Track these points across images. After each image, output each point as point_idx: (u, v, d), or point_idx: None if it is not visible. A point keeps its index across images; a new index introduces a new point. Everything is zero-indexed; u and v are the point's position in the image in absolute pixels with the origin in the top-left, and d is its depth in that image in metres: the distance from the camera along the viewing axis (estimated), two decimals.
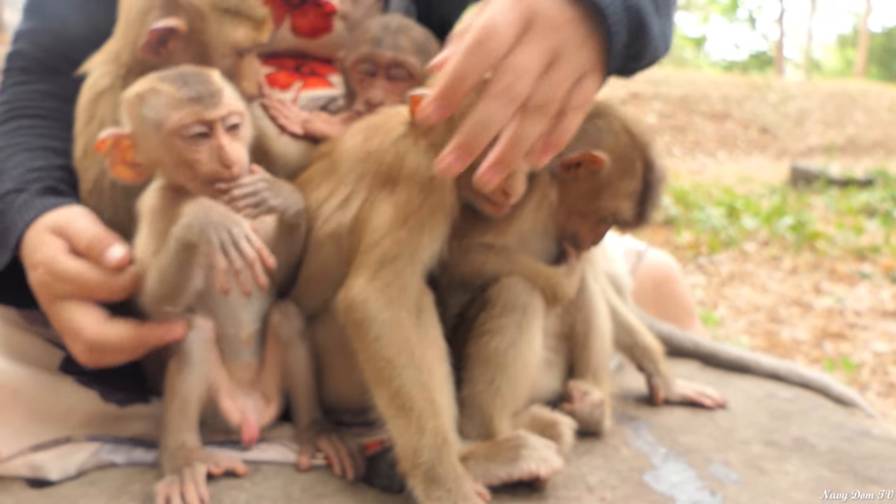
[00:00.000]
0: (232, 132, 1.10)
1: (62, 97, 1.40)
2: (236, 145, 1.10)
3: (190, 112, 1.05)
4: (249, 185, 1.10)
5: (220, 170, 1.08)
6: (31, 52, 1.47)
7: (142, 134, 1.08)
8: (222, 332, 1.18)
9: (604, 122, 1.27)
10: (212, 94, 1.07)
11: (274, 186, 1.13)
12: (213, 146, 1.07)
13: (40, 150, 1.32)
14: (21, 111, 1.40)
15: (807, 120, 15.82)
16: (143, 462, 1.17)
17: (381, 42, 1.37)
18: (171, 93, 1.06)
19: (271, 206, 1.11)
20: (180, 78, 1.07)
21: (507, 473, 1.06)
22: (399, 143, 1.15)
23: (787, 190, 8.85)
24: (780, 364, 1.62)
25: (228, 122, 1.09)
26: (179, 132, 1.05)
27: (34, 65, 1.47)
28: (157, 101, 1.06)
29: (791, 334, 4.29)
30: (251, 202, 1.09)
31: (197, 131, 1.06)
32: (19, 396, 1.13)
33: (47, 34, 1.47)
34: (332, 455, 1.15)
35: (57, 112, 1.40)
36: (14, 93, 1.44)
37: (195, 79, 1.08)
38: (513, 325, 1.19)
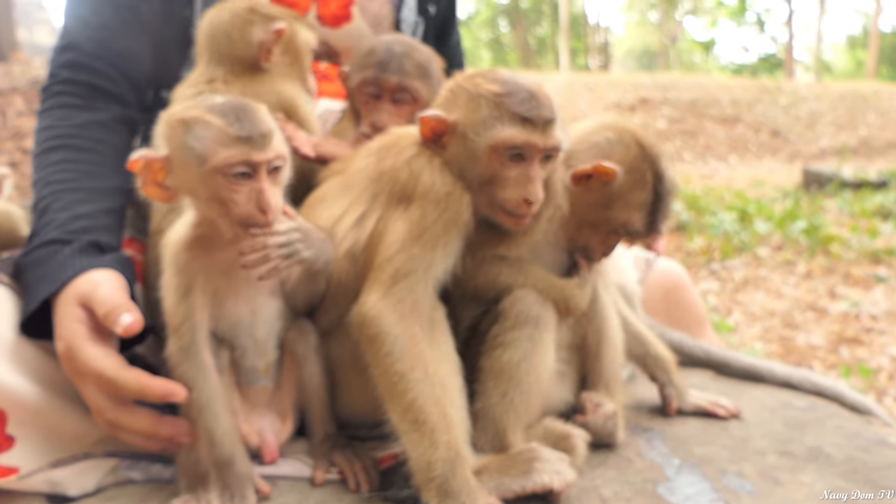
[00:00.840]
0: (273, 175, 1.07)
1: (105, 125, 1.48)
2: (275, 190, 1.07)
3: (238, 152, 1.02)
4: (283, 234, 1.09)
5: (256, 214, 1.05)
6: (71, 76, 1.52)
7: (180, 161, 1.05)
8: (241, 361, 1.20)
9: (614, 135, 1.28)
10: (263, 135, 1.04)
11: (307, 236, 1.13)
12: (253, 188, 1.05)
13: (87, 192, 1.36)
14: (66, 140, 1.44)
15: (818, 122, 15.73)
16: (161, 478, 1.18)
17: (387, 66, 1.39)
18: (221, 127, 1.03)
19: (303, 257, 1.12)
20: (232, 112, 1.04)
21: (521, 486, 1.06)
22: (413, 161, 1.17)
23: (799, 193, 8.80)
24: (793, 372, 1.61)
25: (272, 166, 1.06)
26: (223, 170, 1.03)
27: (76, 89, 1.51)
28: (204, 133, 1.03)
29: (806, 340, 4.25)
30: (284, 253, 1.09)
31: (240, 171, 1.04)
32: (40, 415, 1.15)
33: (86, 56, 1.52)
34: (347, 469, 1.16)
35: (101, 143, 1.46)
36: (58, 119, 1.48)
37: (247, 116, 1.05)
38: (525, 337, 1.19)
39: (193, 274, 1.11)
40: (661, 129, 14.75)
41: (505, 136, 1.12)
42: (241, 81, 1.41)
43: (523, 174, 1.15)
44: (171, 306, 1.12)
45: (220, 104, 1.06)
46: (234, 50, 1.42)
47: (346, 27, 1.73)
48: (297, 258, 1.11)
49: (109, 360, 1.10)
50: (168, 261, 1.12)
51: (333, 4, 1.72)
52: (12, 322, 1.19)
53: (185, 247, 1.12)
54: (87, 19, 1.57)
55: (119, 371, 1.09)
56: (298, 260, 1.11)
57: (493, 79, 1.17)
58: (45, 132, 1.47)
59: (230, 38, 1.41)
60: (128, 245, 1.48)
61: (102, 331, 1.13)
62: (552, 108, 1.15)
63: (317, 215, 1.26)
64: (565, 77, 19.56)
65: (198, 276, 1.12)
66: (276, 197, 1.07)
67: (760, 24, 39.41)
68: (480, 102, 1.14)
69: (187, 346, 1.10)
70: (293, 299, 1.23)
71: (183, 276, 1.11)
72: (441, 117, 1.15)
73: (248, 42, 1.41)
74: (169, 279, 1.12)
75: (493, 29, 40.80)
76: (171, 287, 1.12)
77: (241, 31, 1.41)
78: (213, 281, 1.14)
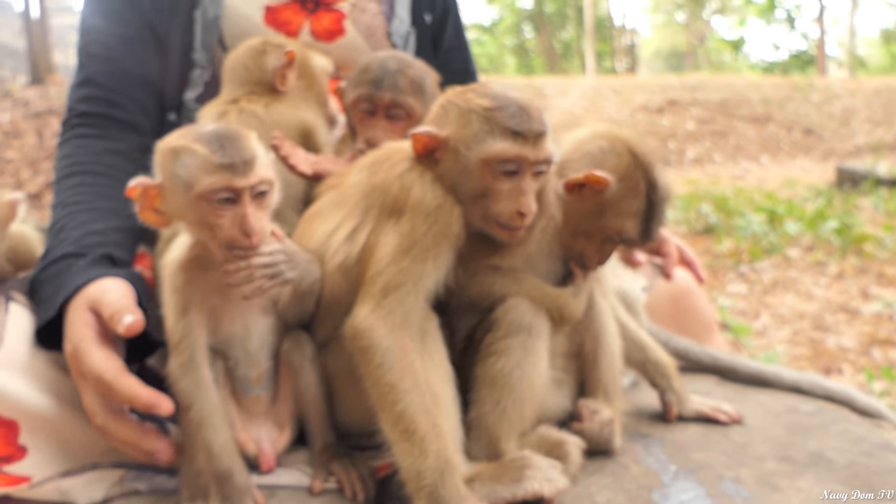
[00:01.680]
0: (258, 200, 1.11)
1: (122, 153, 1.58)
2: (260, 214, 1.11)
3: (220, 178, 1.07)
4: (268, 255, 1.13)
5: (240, 238, 1.10)
6: (88, 109, 1.62)
7: (170, 188, 1.11)
8: (234, 371, 1.23)
9: (607, 144, 1.28)
10: (245, 161, 1.08)
11: (292, 258, 1.17)
12: (236, 213, 1.09)
13: (100, 211, 1.44)
14: (83, 167, 1.53)
15: (853, 119, 15.40)
16: (165, 489, 1.22)
17: (381, 83, 1.42)
18: (205, 156, 1.07)
19: (287, 278, 1.16)
20: (217, 140, 1.08)
21: (512, 494, 1.07)
22: (404, 176, 1.19)
23: (832, 192, 8.61)
24: (802, 377, 1.59)
25: (256, 191, 1.10)
26: (206, 196, 1.08)
27: (93, 121, 1.61)
28: (190, 161, 1.08)
29: (837, 342, 4.16)
30: (268, 273, 1.13)
31: (224, 196, 1.08)
32: (51, 425, 1.19)
33: (102, 89, 1.63)
34: (344, 479, 1.19)
35: (116, 169, 1.54)
36: (75, 148, 1.57)
37: (231, 143, 1.09)
38: (518, 345, 1.21)
39: (190, 293, 1.16)
40: (691, 130, 14.59)
41: (496, 150, 1.13)
42: (261, 103, 1.51)
43: (516, 187, 1.16)
44: (170, 324, 1.16)
45: (208, 132, 1.10)
46: (251, 77, 1.54)
47: (340, 41, 1.77)
48: (281, 279, 1.14)
49: (110, 363, 1.13)
50: (166, 280, 1.17)
51: (326, 20, 1.76)
52: (26, 337, 1.24)
53: (181, 267, 1.16)
54: (98, 54, 1.66)
55: (116, 375, 1.12)
56: (282, 281, 1.15)
57: (483, 93, 1.18)
58: (63, 160, 1.56)
59: (247, 67, 1.54)
60: (141, 260, 1.54)
61: (109, 336, 1.18)
62: (543, 122, 1.16)
63: (313, 230, 1.29)
64: (592, 81, 19.45)
65: (195, 295, 1.16)
66: (261, 220, 1.11)
67: (790, 20, 38.72)
68: (471, 117, 1.16)
69: (186, 362, 1.14)
70: (284, 316, 1.27)
71: (180, 295, 1.15)
72: (433, 133, 1.17)
73: (262, 69, 1.54)
74: (168, 298, 1.16)
75: (518, 35, 40.78)
76: (169, 305, 1.16)
77: (256, 60, 1.54)
78: (208, 299, 1.18)
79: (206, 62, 1.71)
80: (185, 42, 1.69)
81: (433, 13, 1.97)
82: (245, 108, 1.49)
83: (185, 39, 1.69)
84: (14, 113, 11.12)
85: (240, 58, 1.57)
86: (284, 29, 1.75)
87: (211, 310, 1.19)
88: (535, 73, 32.70)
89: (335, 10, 1.78)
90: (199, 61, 1.71)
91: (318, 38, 1.77)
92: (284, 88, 1.55)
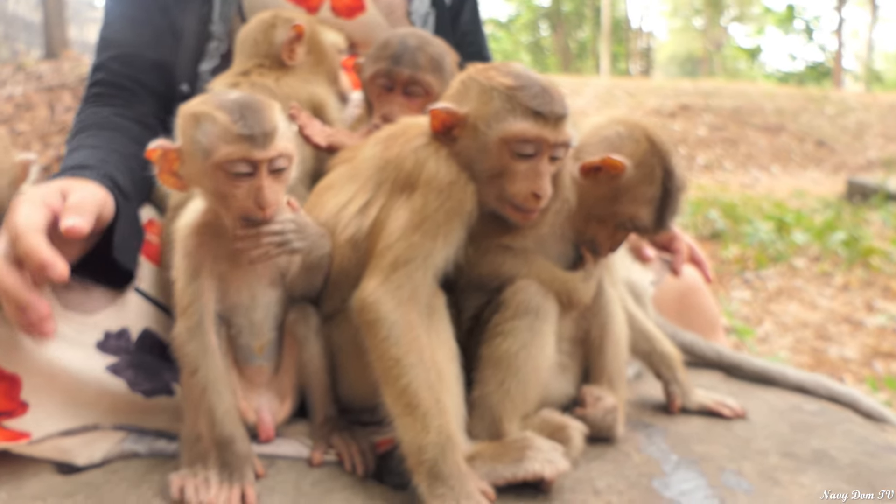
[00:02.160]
0: (275, 174, 1.10)
1: (137, 120, 1.65)
2: (276, 188, 1.10)
3: (238, 149, 1.06)
4: (278, 225, 1.13)
5: (254, 210, 1.09)
6: (106, 80, 1.70)
7: (189, 153, 1.10)
8: (236, 340, 1.23)
9: (625, 129, 1.27)
10: (265, 133, 1.07)
11: (303, 229, 1.16)
12: (252, 185, 1.08)
13: (103, 150, 1.47)
14: (100, 125, 1.60)
15: (866, 133, 15.32)
16: (165, 453, 1.22)
17: (400, 59, 1.42)
18: (225, 124, 1.06)
19: (294, 248, 1.15)
20: (238, 109, 1.07)
21: (512, 473, 1.07)
22: (419, 151, 1.18)
23: (842, 205, 8.57)
24: (807, 377, 1.58)
25: (274, 165, 1.09)
26: (224, 166, 1.07)
27: (110, 92, 1.69)
28: (210, 128, 1.07)
29: (839, 353, 4.15)
30: (276, 241, 1.13)
31: (241, 170, 1.07)
32: (52, 382, 1.19)
33: (120, 66, 1.70)
34: (344, 452, 1.18)
35: (131, 130, 1.61)
36: (93, 112, 1.65)
37: (253, 114, 1.07)
38: (525, 327, 1.20)
39: (201, 258, 1.15)
40: (702, 136, 14.53)
41: (516, 130, 1.13)
42: (272, 77, 1.51)
43: (532, 169, 1.15)
44: (180, 288, 1.15)
45: (230, 100, 1.08)
46: (260, 50, 1.55)
47: (360, 17, 1.77)
48: (289, 248, 1.14)
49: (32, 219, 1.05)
50: (178, 244, 1.16)
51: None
52: None
53: (194, 231, 1.15)
54: (113, 38, 1.75)
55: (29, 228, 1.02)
56: (290, 250, 1.14)
57: (506, 72, 1.17)
58: (75, 126, 1.64)
59: (256, 40, 1.55)
60: (149, 227, 1.54)
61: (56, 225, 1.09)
62: (564, 104, 1.15)
63: (324, 202, 1.28)
64: (605, 82, 19.40)
65: (205, 261, 1.15)
66: (277, 193, 1.10)
67: (809, 31, 38.50)
68: (493, 95, 1.15)
69: (194, 326, 1.13)
70: (292, 290, 1.26)
71: (191, 259, 1.15)
72: (452, 110, 1.16)
73: (271, 43, 1.55)
74: (178, 261, 1.16)
75: (534, 32, 40.64)
76: (180, 269, 1.16)
77: (265, 34, 1.55)
78: (218, 265, 1.17)
79: (224, 34, 1.71)
80: (202, 13, 1.69)
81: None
82: (256, 82, 1.50)
83: (202, 10, 1.69)
84: (27, 86, 11.14)
85: (250, 31, 1.58)
86: (305, 4, 1.74)
87: (220, 276, 1.18)
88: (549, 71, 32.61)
89: None
90: (216, 33, 1.71)
91: (339, 14, 1.76)
92: (292, 63, 1.55)
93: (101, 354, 1.26)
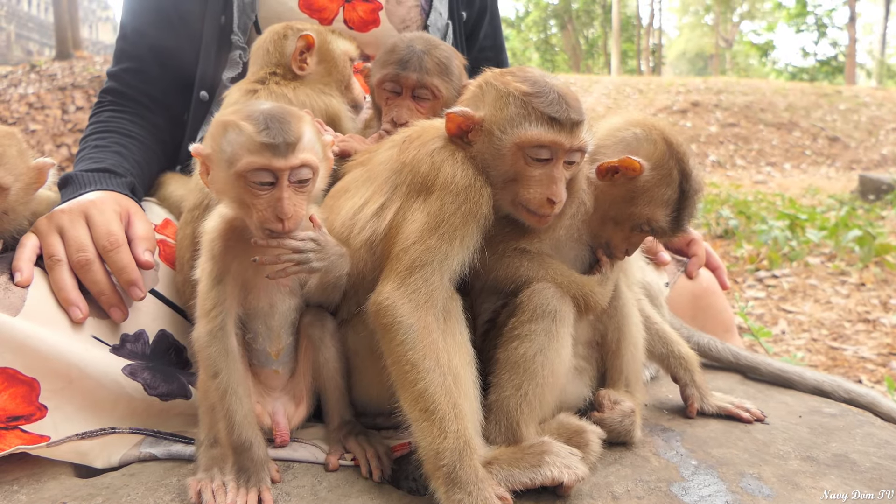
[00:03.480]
0: (298, 186, 1.09)
1: (147, 128, 1.76)
2: (297, 199, 1.09)
3: (260, 158, 1.05)
4: (299, 241, 1.12)
5: (273, 221, 1.08)
6: (120, 90, 1.80)
7: (216, 161, 1.10)
8: (252, 344, 1.23)
9: (642, 131, 1.26)
10: (288, 143, 1.06)
11: (323, 248, 1.15)
12: (273, 196, 1.08)
13: (130, 160, 1.61)
14: (114, 129, 1.70)
15: (879, 129, 15.18)
16: (182, 456, 1.22)
17: (407, 64, 1.41)
18: (250, 133, 1.06)
19: (312, 267, 1.14)
20: (264, 120, 1.07)
21: (530, 479, 1.06)
22: (435, 154, 1.17)
23: (855, 201, 8.50)
24: (825, 378, 1.57)
25: (296, 176, 1.08)
26: (245, 175, 1.07)
27: (124, 99, 1.79)
28: (235, 137, 1.07)
29: (855, 352, 4.11)
30: (294, 259, 1.12)
31: (262, 179, 1.07)
32: (72, 385, 1.20)
33: (134, 79, 1.80)
34: (360, 456, 1.18)
35: (143, 138, 1.72)
36: (107, 116, 1.75)
37: (278, 123, 1.07)
38: (542, 331, 1.19)
39: (227, 262, 1.15)
40: (714, 133, 14.45)
41: (532, 135, 1.12)
42: (287, 87, 1.53)
43: (547, 174, 1.15)
44: (203, 291, 1.15)
45: (259, 111, 1.08)
46: (271, 59, 1.57)
47: (373, 31, 1.77)
48: (307, 267, 1.13)
49: (123, 237, 1.33)
50: (204, 247, 1.17)
51: (361, 9, 1.76)
52: (48, 300, 1.24)
53: (220, 235, 1.15)
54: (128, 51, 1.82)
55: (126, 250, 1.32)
56: (308, 269, 1.13)
57: (523, 78, 1.17)
58: (97, 125, 1.73)
59: (267, 50, 1.58)
60: (163, 228, 1.55)
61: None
62: (580, 110, 1.15)
63: (340, 205, 1.28)
64: (615, 79, 19.31)
65: (231, 265, 1.15)
66: (297, 206, 1.09)
67: (821, 27, 38.16)
68: (509, 100, 1.14)
69: (216, 330, 1.13)
70: (309, 300, 1.27)
71: (217, 263, 1.14)
72: (468, 114, 1.16)
73: (282, 52, 1.57)
74: (204, 264, 1.16)
75: (543, 30, 40.52)
76: (205, 272, 1.16)
77: (276, 44, 1.57)
78: (243, 271, 1.17)
79: (245, 44, 1.73)
80: (223, 24, 1.71)
81: (470, 11, 1.98)
82: (274, 90, 1.50)
83: (222, 21, 1.71)
84: (39, 86, 11.22)
85: (263, 41, 1.59)
86: (319, 16, 1.75)
87: (243, 282, 1.18)
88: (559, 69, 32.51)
89: (372, 1, 1.78)
90: (237, 43, 1.73)
91: (352, 27, 1.77)
92: (303, 73, 1.56)
93: (117, 357, 1.27)
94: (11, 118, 10.33)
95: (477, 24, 2.04)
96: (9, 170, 1.40)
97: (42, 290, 1.24)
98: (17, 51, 12.65)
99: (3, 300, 1.19)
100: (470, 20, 2.01)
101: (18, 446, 1.12)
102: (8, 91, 11.27)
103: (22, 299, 1.21)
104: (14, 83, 11.61)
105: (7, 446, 1.11)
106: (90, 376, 1.20)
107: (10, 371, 1.14)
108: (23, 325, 1.16)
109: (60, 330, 1.22)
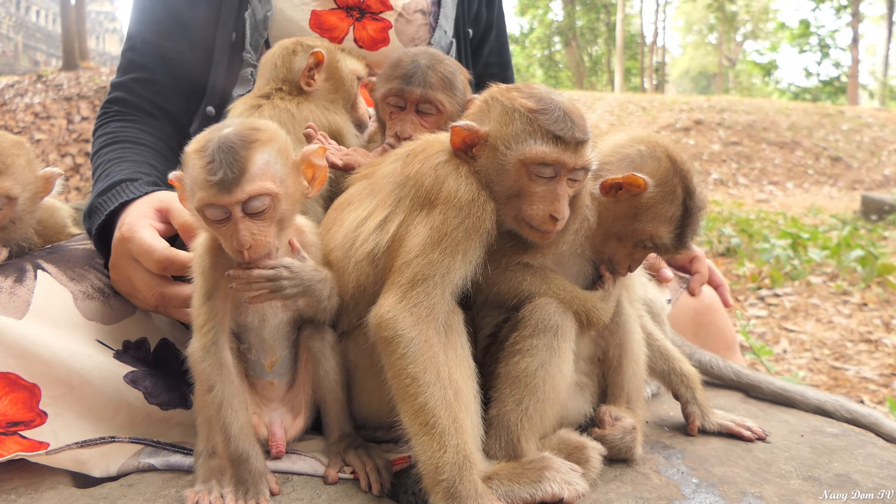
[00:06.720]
0: (256, 216, 1.08)
1: (157, 136, 1.76)
2: (258, 227, 1.08)
3: (207, 194, 1.05)
4: (270, 269, 1.12)
5: (235, 252, 1.09)
6: (128, 100, 1.80)
7: (186, 191, 1.11)
8: (246, 355, 1.23)
9: (646, 148, 1.27)
10: (234, 177, 1.04)
11: (297, 274, 1.14)
12: (229, 229, 1.08)
13: (145, 164, 1.60)
14: (124, 138, 1.70)
15: (882, 149, 15.22)
16: (180, 467, 1.21)
17: (412, 79, 1.42)
18: (199, 168, 1.05)
19: (286, 294, 1.14)
20: (212, 152, 1.05)
21: (530, 494, 1.06)
22: (439, 168, 1.18)
23: (858, 221, 8.50)
24: (827, 398, 1.56)
25: (250, 207, 1.07)
26: (202, 210, 1.07)
27: (130, 109, 1.79)
28: (191, 171, 1.07)
29: (857, 372, 4.09)
30: (267, 287, 1.12)
31: (216, 216, 1.06)
32: (73, 392, 1.20)
33: (142, 89, 1.79)
34: (359, 469, 1.17)
35: (154, 144, 1.72)
36: (115, 127, 1.74)
37: (226, 156, 1.04)
38: (543, 346, 1.19)
39: (216, 278, 1.15)
40: (716, 151, 14.49)
41: (536, 153, 1.12)
42: (292, 102, 1.52)
43: (550, 191, 1.15)
44: (196, 306, 1.15)
45: (212, 141, 1.06)
46: (279, 74, 1.57)
47: (382, 50, 1.79)
48: (281, 294, 1.13)
49: (160, 242, 1.28)
50: (194, 262, 1.17)
51: (371, 28, 1.77)
52: (53, 305, 1.24)
53: (208, 251, 1.16)
54: (136, 61, 1.82)
55: (167, 248, 1.27)
56: (282, 296, 1.14)
57: (529, 94, 1.17)
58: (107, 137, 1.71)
59: (275, 65, 1.57)
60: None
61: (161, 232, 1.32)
62: (585, 129, 1.15)
63: (343, 218, 1.28)
64: (619, 97, 19.40)
65: (220, 281, 1.15)
66: (259, 234, 1.08)
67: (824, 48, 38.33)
68: (514, 116, 1.15)
69: (209, 344, 1.13)
70: (302, 315, 1.26)
71: (206, 278, 1.15)
72: (473, 128, 1.16)
73: (290, 68, 1.57)
74: (195, 279, 1.16)
75: (548, 47, 40.75)
76: (196, 287, 1.16)
77: (285, 59, 1.57)
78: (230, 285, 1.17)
79: (256, 61, 1.74)
80: (234, 41, 1.72)
81: (476, 28, 2.00)
82: (279, 105, 1.50)
83: (234, 38, 1.72)
84: (46, 96, 11.29)
85: (271, 55, 1.60)
86: (329, 35, 1.76)
87: (233, 296, 1.18)
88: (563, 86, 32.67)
89: (381, 20, 1.80)
90: (248, 60, 1.74)
91: (361, 46, 1.79)
92: (310, 89, 1.56)
93: (120, 363, 1.27)
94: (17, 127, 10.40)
95: (483, 40, 2.06)
96: (17, 180, 1.41)
97: (47, 293, 1.25)
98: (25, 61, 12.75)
99: (8, 303, 1.20)
100: (476, 37, 2.02)
101: (17, 452, 1.12)
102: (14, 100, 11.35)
103: (27, 302, 1.21)
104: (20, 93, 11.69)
105: (6, 452, 1.11)
106: (92, 383, 1.20)
107: (12, 376, 1.14)
108: (26, 330, 1.16)
109: (64, 333, 1.22)
